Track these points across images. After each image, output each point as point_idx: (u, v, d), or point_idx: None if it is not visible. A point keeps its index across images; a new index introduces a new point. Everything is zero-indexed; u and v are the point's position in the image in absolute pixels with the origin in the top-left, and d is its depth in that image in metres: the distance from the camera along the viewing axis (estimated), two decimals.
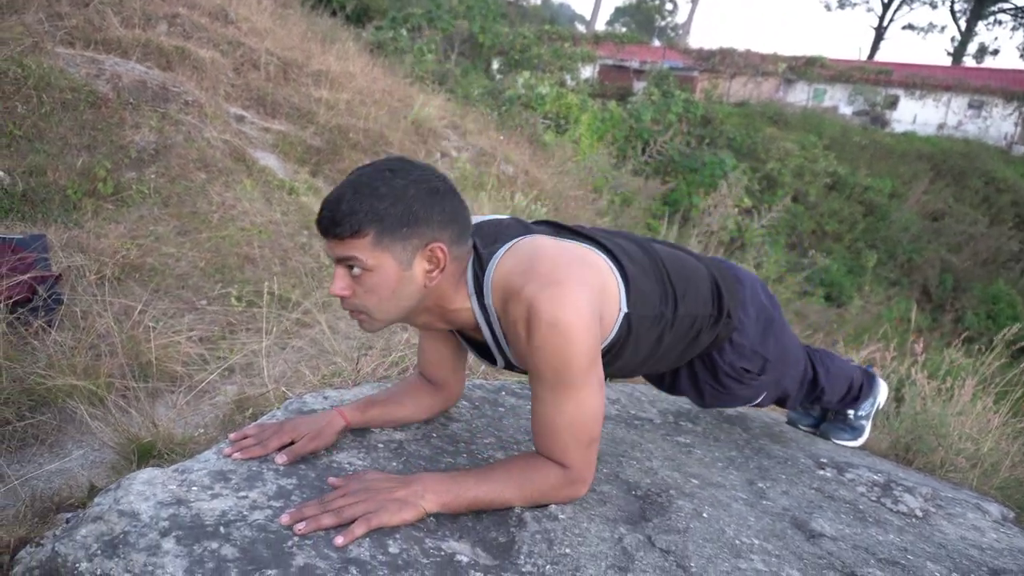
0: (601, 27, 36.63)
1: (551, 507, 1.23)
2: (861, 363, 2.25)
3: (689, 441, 1.70)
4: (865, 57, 34.39)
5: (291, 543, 1.02)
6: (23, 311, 2.49)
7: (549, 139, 9.42)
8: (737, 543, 1.25)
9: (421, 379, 1.50)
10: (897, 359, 2.83)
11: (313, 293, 3.41)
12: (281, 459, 1.23)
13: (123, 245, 3.44)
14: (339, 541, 1.03)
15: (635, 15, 49.35)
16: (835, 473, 1.66)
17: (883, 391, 1.93)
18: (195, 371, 2.50)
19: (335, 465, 1.27)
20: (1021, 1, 34.49)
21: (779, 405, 1.76)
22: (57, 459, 2.03)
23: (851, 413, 1.90)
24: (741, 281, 1.52)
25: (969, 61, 36.77)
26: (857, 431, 1.91)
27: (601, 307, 1.19)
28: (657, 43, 31.74)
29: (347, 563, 1.00)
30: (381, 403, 1.43)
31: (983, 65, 36.51)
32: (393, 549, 1.05)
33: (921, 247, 13.48)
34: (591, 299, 1.15)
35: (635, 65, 22.29)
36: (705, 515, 1.33)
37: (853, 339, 5.68)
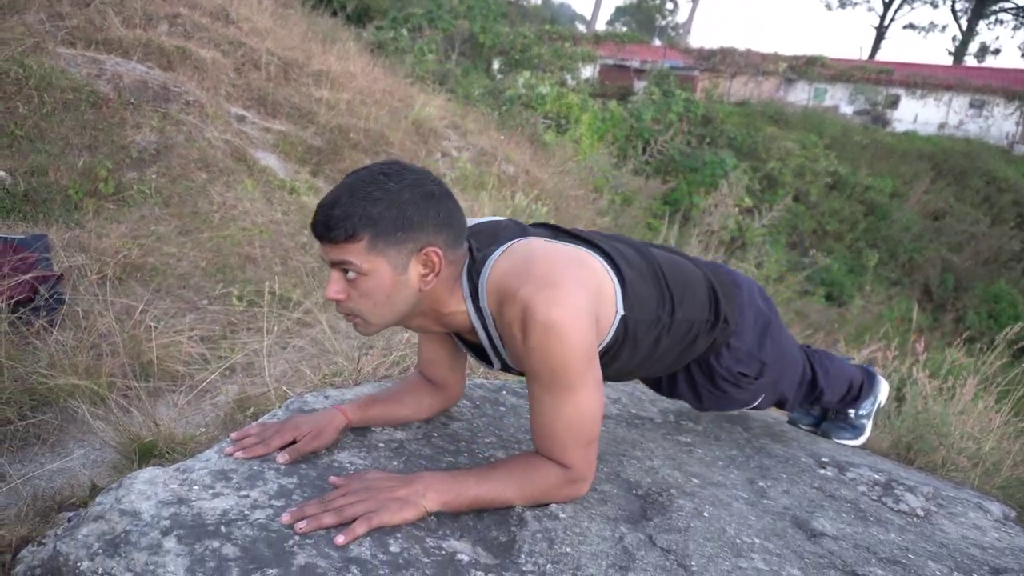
0: (601, 27, 36.65)
1: (552, 506, 1.23)
2: (862, 362, 2.25)
3: (690, 440, 1.70)
4: (866, 56, 34.36)
5: (292, 542, 1.02)
6: (25, 311, 2.50)
7: (550, 139, 9.41)
8: (738, 542, 1.25)
9: (422, 378, 1.50)
10: (898, 359, 2.83)
11: (314, 293, 3.42)
12: (282, 458, 1.23)
13: (124, 245, 3.45)
14: (340, 540, 1.03)
15: (636, 15, 49.33)
16: (836, 472, 1.66)
17: (884, 389, 1.92)
18: (196, 370, 2.51)
19: (336, 464, 1.27)
20: (1023, 0, 34.47)
21: (778, 407, 1.76)
22: (59, 458, 2.03)
23: (852, 412, 1.90)
24: (738, 285, 1.52)
25: (970, 60, 36.73)
26: (858, 430, 1.91)
27: (597, 308, 1.18)
28: (658, 43, 31.71)
29: (348, 562, 1.00)
30: (382, 401, 1.43)
31: (984, 64, 36.48)
32: (394, 548, 1.05)
33: (922, 247, 13.47)
34: (587, 300, 1.15)
35: (636, 65, 22.28)
36: (706, 514, 1.33)
37: (854, 339, 5.68)
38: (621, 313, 1.24)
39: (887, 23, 37.71)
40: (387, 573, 1.00)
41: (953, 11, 36.86)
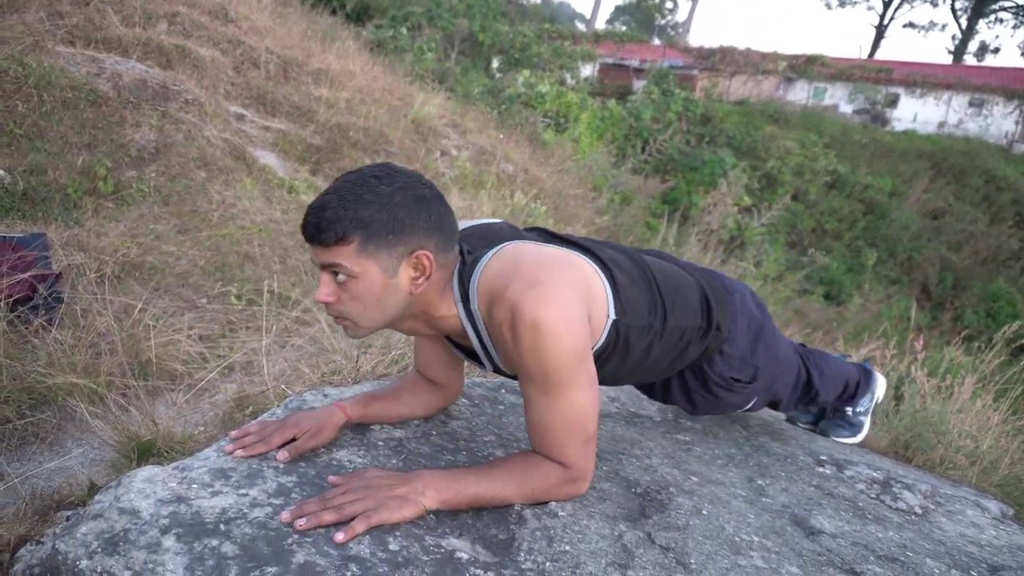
0: (601, 25, 36.66)
1: (551, 504, 1.23)
2: (860, 360, 2.25)
3: (689, 439, 1.71)
4: (866, 55, 34.37)
5: (291, 540, 1.02)
6: (23, 309, 2.50)
7: (549, 138, 9.41)
8: (737, 540, 1.25)
9: (421, 377, 1.50)
10: (897, 357, 2.83)
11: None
12: (282, 456, 1.23)
13: (123, 243, 3.45)
14: (339, 538, 1.03)
15: (635, 13, 49.32)
16: (834, 470, 1.67)
17: (881, 386, 1.92)
18: (195, 369, 2.51)
19: (335, 463, 1.27)
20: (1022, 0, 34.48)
21: (772, 408, 1.76)
22: (57, 457, 2.03)
23: (849, 410, 1.90)
24: (730, 291, 1.52)
25: (970, 59, 36.75)
26: (856, 428, 1.91)
27: (589, 309, 1.18)
28: (657, 42, 31.70)
29: (347, 560, 1.00)
30: (381, 399, 1.43)
31: (984, 63, 36.54)
32: (393, 546, 1.05)
33: (921, 245, 13.48)
34: (577, 299, 1.15)
35: (635, 64, 22.28)
36: (705, 512, 1.33)
37: (853, 337, 5.69)
38: (613, 318, 1.24)
39: (887, 22, 37.74)
40: (386, 571, 1.00)
41: (953, 10, 36.88)
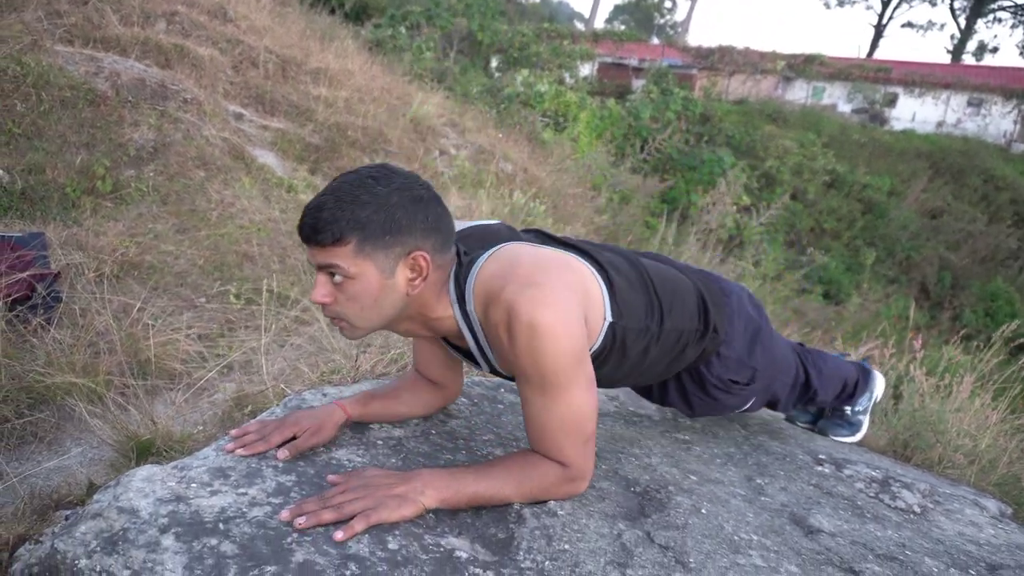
0: (600, 25, 36.65)
1: (550, 503, 1.23)
2: (858, 359, 2.25)
3: (688, 438, 1.71)
4: (864, 55, 34.37)
5: (290, 539, 1.02)
6: (22, 309, 2.49)
7: (548, 137, 9.41)
8: (736, 539, 1.25)
9: (420, 376, 1.50)
10: (895, 356, 2.83)
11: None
12: (283, 454, 1.23)
13: (122, 243, 3.44)
14: (339, 536, 1.03)
15: (634, 13, 49.31)
16: (833, 469, 1.67)
17: (879, 384, 1.93)
18: (194, 368, 2.50)
19: (334, 462, 1.27)
20: None
21: (770, 408, 1.77)
22: (56, 456, 2.03)
23: (848, 409, 1.90)
24: (727, 294, 1.52)
25: (968, 59, 36.77)
26: (855, 427, 1.91)
27: (586, 310, 1.18)
28: (656, 41, 31.70)
29: (346, 559, 1.00)
30: (381, 398, 1.43)
31: (982, 63, 36.51)
32: (392, 545, 1.05)
33: (920, 245, 13.49)
34: (573, 300, 1.15)
35: (634, 63, 22.27)
36: (704, 511, 1.33)
37: (851, 336, 5.69)
38: (610, 320, 1.24)
39: (885, 21, 37.76)
40: (385, 570, 1.00)
41: (951, 9, 36.91)
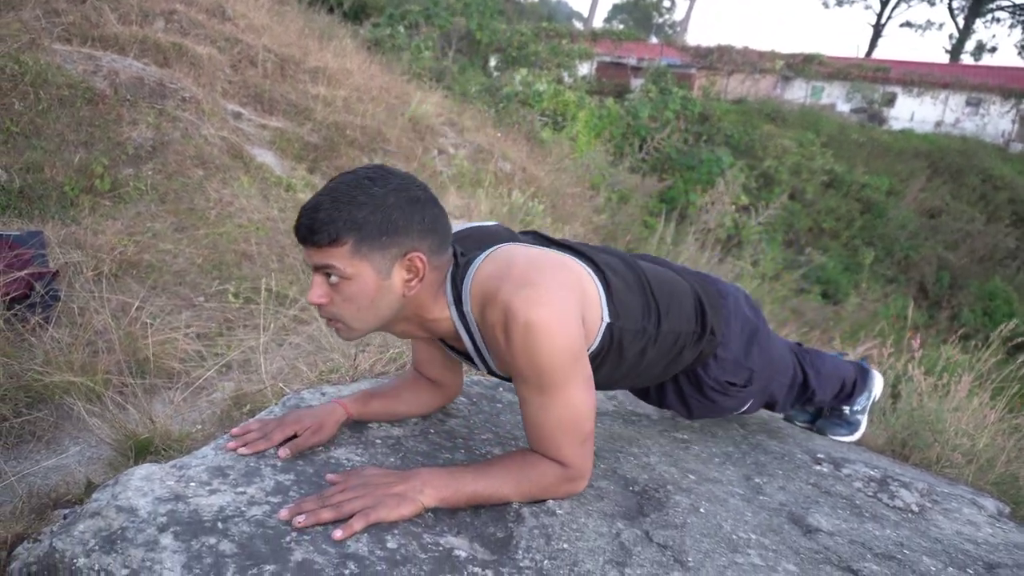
0: (599, 24, 36.67)
1: (549, 502, 1.23)
2: (856, 358, 2.26)
3: (686, 437, 1.71)
4: (863, 54, 34.42)
5: (289, 538, 1.02)
6: (20, 307, 2.49)
7: (546, 136, 9.41)
8: (734, 538, 1.26)
9: (420, 375, 1.50)
10: (894, 355, 2.83)
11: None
12: (283, 453, 1.23)
13: (120, 242, 3.44)
14: (337, 535, 1.03)
15: (633, 12, 49.30)
16: (832, 468, 1.67)
17: (878, 384, 1.93)
18: (192, 367, 2.50)
19: (333, 461, 1.27)
20: None
21: (768, 408, 1.77)
22: (54, 455, 2.02)
23: (846, 409, 1.90)
24: (724, 295, 1.52)
25: (967, 59, 36.82)
26: (853, 426, 1.91)
27: (583, 310, 1.18)
28: (655, 40, 31.71)
29: (345, 558, 1.00)
30: (381, 397, 1.43)
31: (981, 63, 36.57)
32: (391, 544, 1.05)
33: (918, 244, 13.50)
34: (570, 300, 1.15)
35: (632, 62, 22.27)
36: (702, 510, 1.33)
37: (849, 336, 5.70)
38: (607, 321, 1.24)
39: (884, 21, 37.80)
40: (384, 569, 1.00)
41: (950, 9, 36.95)
